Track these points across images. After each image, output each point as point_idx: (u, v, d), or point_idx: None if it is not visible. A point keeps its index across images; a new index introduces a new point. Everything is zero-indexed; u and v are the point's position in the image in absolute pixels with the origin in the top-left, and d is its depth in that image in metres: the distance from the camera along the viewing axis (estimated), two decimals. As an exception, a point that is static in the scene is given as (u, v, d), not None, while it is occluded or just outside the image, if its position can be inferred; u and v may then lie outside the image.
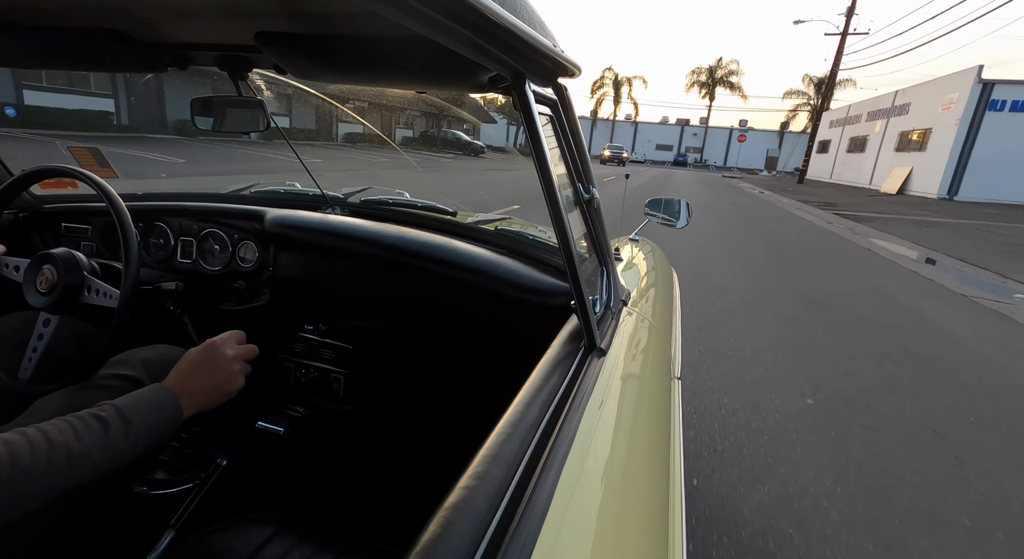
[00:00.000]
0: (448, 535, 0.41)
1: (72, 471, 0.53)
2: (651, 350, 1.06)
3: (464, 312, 1.19)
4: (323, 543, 0.77)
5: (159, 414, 0.64)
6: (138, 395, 0.64)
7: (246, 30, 0.72)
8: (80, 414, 0.57)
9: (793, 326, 3.74)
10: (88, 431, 0.56)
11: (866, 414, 2.51)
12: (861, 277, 5.69)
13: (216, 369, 0.74)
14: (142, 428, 0.60)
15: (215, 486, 1.06)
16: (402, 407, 1.40)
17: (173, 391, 0.68)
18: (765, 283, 5.01)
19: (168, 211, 1.35)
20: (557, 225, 0.71)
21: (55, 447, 0.52)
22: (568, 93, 0.80)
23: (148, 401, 0.64)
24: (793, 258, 6.53)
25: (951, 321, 4.20)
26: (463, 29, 0.46)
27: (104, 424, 0.57)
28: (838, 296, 4.71)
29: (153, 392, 0.66)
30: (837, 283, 5.23)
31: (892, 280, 5.63)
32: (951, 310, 4.56)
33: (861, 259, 6.84)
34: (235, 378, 0.77)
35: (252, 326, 1.36)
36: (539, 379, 0.66)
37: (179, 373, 0.72)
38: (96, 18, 0.76)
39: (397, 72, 0.73)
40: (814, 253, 7.07)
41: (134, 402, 0.62)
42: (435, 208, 1.44)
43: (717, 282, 4.87)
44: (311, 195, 1.52)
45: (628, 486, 0.61)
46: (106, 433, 0.57)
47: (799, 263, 6.24)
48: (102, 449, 0.56)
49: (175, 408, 0.66)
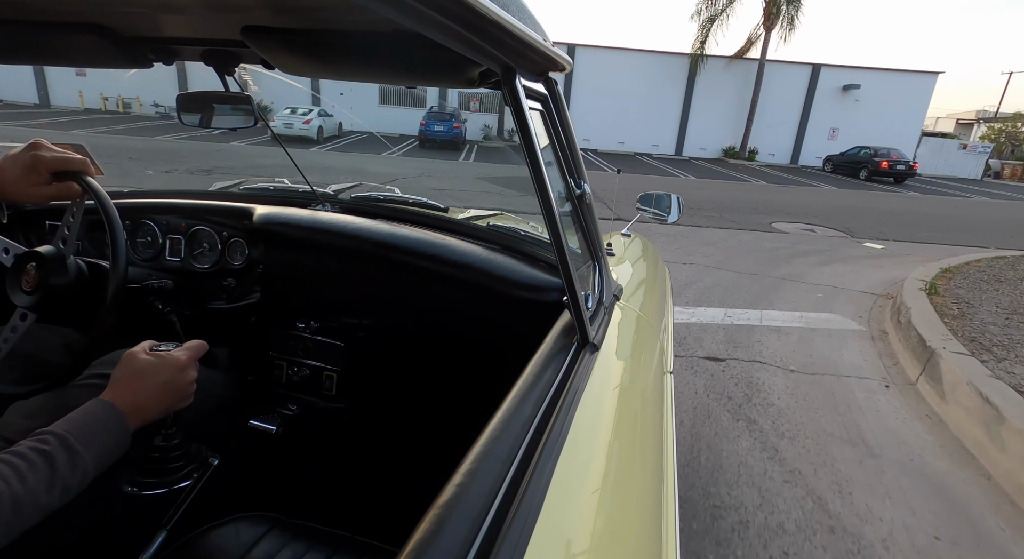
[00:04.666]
0: (442, 532, 0.41)
1: (17, 519, 0.48)
2: (643, 345, 1.06)
3: (456, 309, 1.19)
4: (315, 541, 0.77)
5: (106, 437, 0.57)
6: (81, 417, 0.57)
7: (232, 24, 0.71)
8: (20, 450, 0.51)
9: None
10: (33, 471, 0.49)
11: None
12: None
13: (173, 391, 0.68)
14: (90, 457, 0.54)
15: (207, 485, 1.06)
16: (395, 404, 1.40)
17: (118, 407, 0.60)
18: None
19: (156, 208, 1.33)
20: (549, 220, 0.70)
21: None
22: (558, 87, 0.79)
23: (93, 424, 0.57)
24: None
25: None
26: (453, 24, 0.46)
27: (49, 460, 0.51)
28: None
29: (97, 411, 0.59)
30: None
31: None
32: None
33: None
34: (188, 399, 0.71)
35: (242, 324, 1.35)
36: (532, 375, 0.67)
37: (125, 387, 0.64)
38: (78, 12, 0.74)
39: (386, 67, 0.73)
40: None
41: (78, 427, 0.55)
42: (426, 204, 1.44)
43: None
44: (301, 192, 1.51)
45: (621, 480, 0.61)
46: (52, 470, 0.51)
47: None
48: (48, 489, 0.50)
49: (122, 428, 0.60)
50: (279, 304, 1.31)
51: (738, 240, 6.33)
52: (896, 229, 8.02)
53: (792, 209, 9.24)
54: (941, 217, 10.07)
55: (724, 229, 6.94)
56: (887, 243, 6.91)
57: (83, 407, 0.59)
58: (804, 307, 3.96)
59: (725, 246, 5.91)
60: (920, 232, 7.98)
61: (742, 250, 5.79)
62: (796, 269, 5.09)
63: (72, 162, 0.82)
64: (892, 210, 10.42)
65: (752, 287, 4.36)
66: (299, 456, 1.36)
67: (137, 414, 0.62)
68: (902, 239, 7.28)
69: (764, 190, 12.51)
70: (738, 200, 9.42)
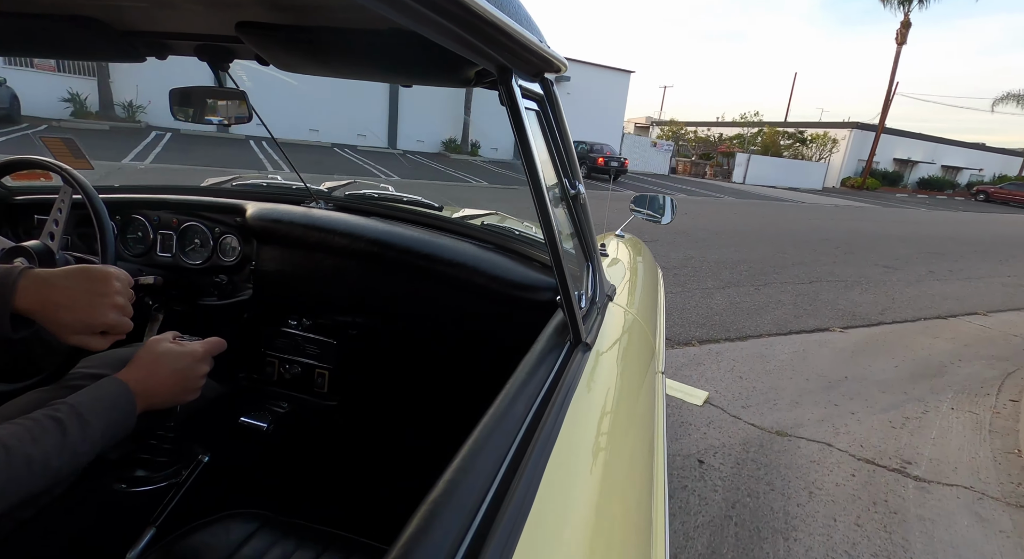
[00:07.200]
0: (433, 528, 0.41)
1: (30, 479, 0.50)
2: (635, 345, 1.07)
3: (449, 307, 1.19)
4: (306, 538, 0.76)
5: (115, 412, 0.60)
6: (93, 391, 0.60)
7: (227, 20, 0.71)
8: (34, 416, 0.54)
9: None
10: (45, 434, 0.52)
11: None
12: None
13: (184, 380, 0.69)
14: (99, 428, 0.57)
15: (196, 482, 1.05)
16: (387, 402, 1.40)
17: (129, 386, 0.63)
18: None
19: (147, 204, 1.32)
20: (543, 220, 0.71)
21: (13, 455, 0.49)
22: (554, 88, 0.80)
23: (104, 398, 0.60)
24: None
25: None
26: (449, 23, 0.46)
27: (61, 426, 0.54)
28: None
29: (109, 387, 0.62)
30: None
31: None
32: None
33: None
34: (195, 393, 0.72)
35: (234, 321, 1.34)
36: (524, 373, 0.67)
37: (141, 369, 0.66)
38: (72, 5, 0.74)
39: (381, 65, 0.73)
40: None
41: (90, 399, 0.58)
42: (421, 202, 1.44)
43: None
44: (294, 189, 1.51)
45: (612, 479, 0.62)
46: (64, 435, 0.53)
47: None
48: (59, 453, 0.53)
49: (130, 405, 0.62)
50: (271, 301, 1.31)
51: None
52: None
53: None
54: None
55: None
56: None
57: (97, 383, 0.62)
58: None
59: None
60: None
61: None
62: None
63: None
64: (620, 210, 9.74)
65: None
66: (290, 453, 1.35)
67: (146, 397, 0.64)
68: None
69: (483, 191, 11.06)
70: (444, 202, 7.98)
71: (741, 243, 7.40)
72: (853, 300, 4.88)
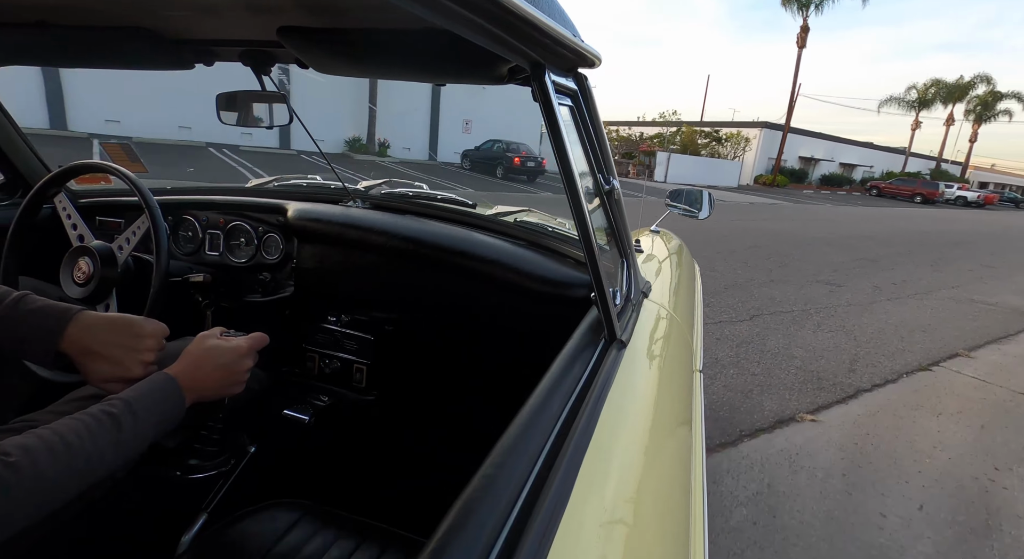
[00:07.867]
0: (468, 524, 0.41)
1: (89, 474, 0.52)
2: (672, 342, 1.05)
3: (484, 304, 1.19)
4: (345, 528, 0.79)
5: (165, 405, 0.62)
6: (145, 385, 0.62)
7: (268, 25, 0.73)
8: (91, 411, 0.56)
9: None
10: (101, 430, 0.54)
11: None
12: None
13: (230, 374, 0.72)
14: (150, 422, 0.59)
15: (244, 471, 1.10)
16: (423, 397, 1.42)
17: (179, 381, 0.65)
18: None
19: (196, 205, 1.38)
20: (577, 216, 0.70)
21: (73, 451, 0.51)
22: (588, 83, 0.79)
23: (155, 392, 0.62)
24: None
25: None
26: (482, 20, 0.46)
27: (116, 421, 0.55)
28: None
29: (160, 382, 0.64)
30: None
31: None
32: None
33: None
34: (240, 386, 0.74)
35: (277, 317, 1.39)
36: (559, 370, 0.66)
37: (189, 363, 0.68)
38: (124, 16, 0.77)
39: (417, 65, 0.74)
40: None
41: (140, 394, 0.60)
42: (455, 200, 1.45)
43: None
44: (333, 188, 1.54)
45: (649, 479, 0.61)
46: (119, 431, 0.55)
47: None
48: (115, 448, 0.54)
49: (179, 400, 0.64)
50: (311, 298, 1.34)
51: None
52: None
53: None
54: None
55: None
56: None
57: (148, 377, 0.65)
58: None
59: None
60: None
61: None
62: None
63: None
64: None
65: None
66: (330, 446, 1.39)
67: (194, 390, 0.66)
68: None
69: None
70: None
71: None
72: (810, 347, 3.50)
